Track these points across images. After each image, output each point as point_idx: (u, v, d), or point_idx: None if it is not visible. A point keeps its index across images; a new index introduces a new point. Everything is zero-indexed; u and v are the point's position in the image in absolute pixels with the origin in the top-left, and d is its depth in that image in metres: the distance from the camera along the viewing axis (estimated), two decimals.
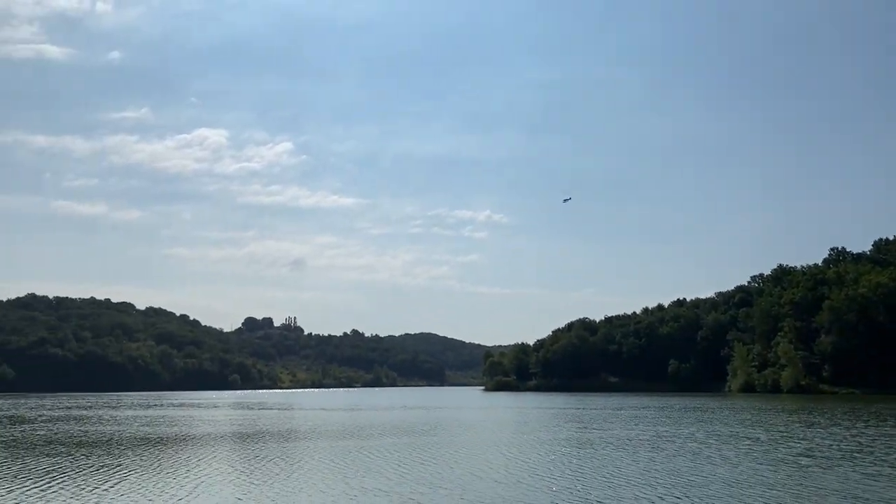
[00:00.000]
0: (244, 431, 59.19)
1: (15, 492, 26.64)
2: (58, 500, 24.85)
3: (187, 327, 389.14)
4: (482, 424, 65.39)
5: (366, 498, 25.00)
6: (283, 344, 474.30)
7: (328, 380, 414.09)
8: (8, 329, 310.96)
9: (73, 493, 26.17)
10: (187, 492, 26.52)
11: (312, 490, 26.85)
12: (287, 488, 27.28)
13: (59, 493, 26.18)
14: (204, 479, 30.06)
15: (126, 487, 27.63)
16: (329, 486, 27.57)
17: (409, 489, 26.62)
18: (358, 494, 25.70)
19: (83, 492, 26.56)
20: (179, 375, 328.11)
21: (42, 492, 26.59)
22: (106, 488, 27.40)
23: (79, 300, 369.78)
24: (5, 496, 25.67)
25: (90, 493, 26.17)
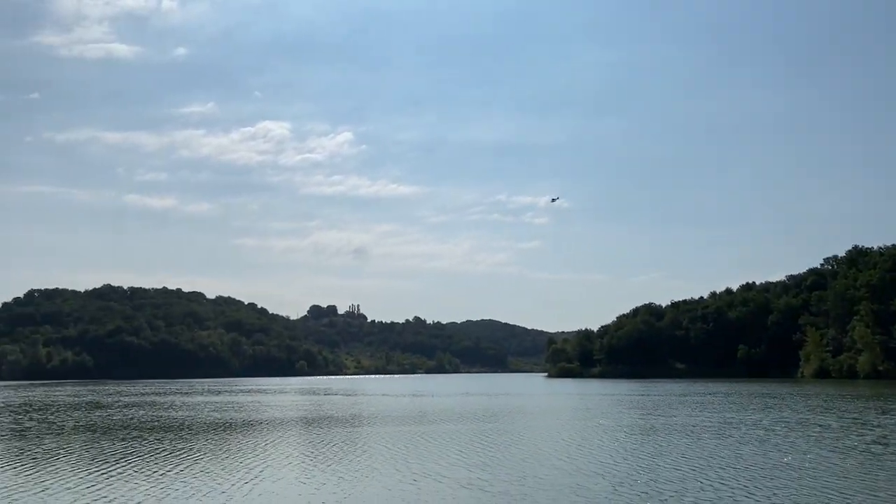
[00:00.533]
0: (309, 416, 60.52)
1: (93, 474, 27.92)
2: (131, 482, 25.92)
3: (255, 315, 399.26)
4: (543, 411, 65.18)
5: (423, 483, 25.26)
6: (347, 331, 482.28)
7: (392, 366, 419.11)
8: (86, 319, 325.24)
9: (146, 476, 27.26)
10: (254, 475, 27.31)
11: (370, 474, 27.28)
12: (346, 472, 27.80)
13: (132, 476, 27.32)
14: (269, 462, 30.88)
15: (196, 470, 28.63)
16: (386, 471, 27.97)
17: (465, 475, 26.78)
18: (415, 479, 25.99)
19: (155, 474, 27.65)
20: (248, 362, 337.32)
21: (118, 474, 27.79)
22: (177, 471, 28.46)
23: (152, 290, 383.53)
24: (83, 478, 26.93)
25: (161, 476, 27.22)
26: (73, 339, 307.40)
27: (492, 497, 22.55)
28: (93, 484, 25.31)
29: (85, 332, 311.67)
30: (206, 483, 25.45)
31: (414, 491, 23.73)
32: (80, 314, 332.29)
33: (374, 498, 22.80)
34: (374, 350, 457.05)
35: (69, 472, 28.26)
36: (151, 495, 23.14)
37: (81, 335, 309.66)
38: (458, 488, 24.16)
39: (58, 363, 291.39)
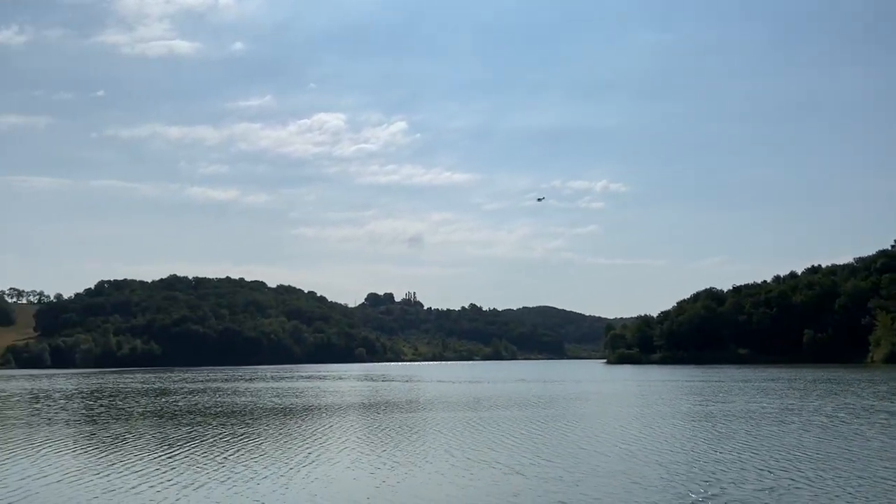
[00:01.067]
0: (366, 402, 61.48)
1: (158, 457, 29.03)
2: (194, 466, 26.86)
3: (315, 303, 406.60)
4: (599, 398, 64.70)
5: (475, 468, 25.45)
6: (404, 318, 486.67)
7: (448, 353, 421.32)
8: (154, 308, 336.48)
9: (209, 460, 28.20)
10: (311, 459, 27.96)
11: (423, 459, 27.62)
12: (400, 457, 28.20)
13: (195, 460, 28.29)
14: (326, 446, 31.54)
15: (256, 454, 29.48)
16: (440, 457, 28.27)
17: (517, 461, 26.87)
18: (468, 465, 26.20)
19: (217, 458, 28.59)
20: (309, 349, 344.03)
21: (181, 458, 28.84)
22: (238, 455, 29.35)
23: (215, 280, 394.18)
24: (148, 461, 28.04)
25: (223, 460, 28.12)
26: (141, 328, 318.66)
27: (544, 483, 22.59)
28: (157, 467, 26.32)
29: (152, 321, 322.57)
30: (265, 466, 26.18)
31: (467, 476, 23.94)
32: (147, 304, 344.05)
33: (426, 482, 23.11)
34: (430, 337, 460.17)
35: (135, 456, 29.46)
36: (214, 478, 23.94)
37: (149, 324, 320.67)
38: (510, 474, 24.28)
39: (127, 351, 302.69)
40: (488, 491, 21.46)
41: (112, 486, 22.61)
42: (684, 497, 20.16)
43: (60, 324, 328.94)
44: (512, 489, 21.66)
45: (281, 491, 21.69)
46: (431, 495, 21.12)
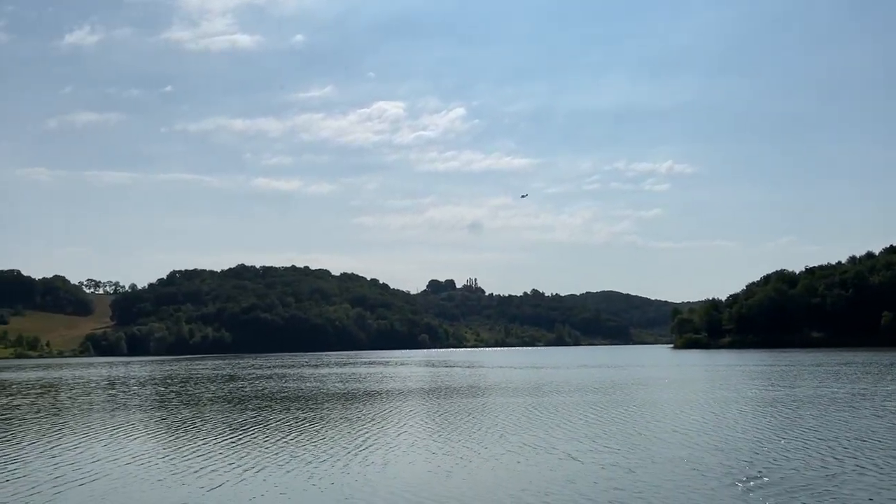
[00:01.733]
0: (427, 387, 61.96)
1: (222, 441, 29.94)
2: (256, 449, 27.60)
3: (377, 291, 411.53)
4: (662, 383, 63.56)
5: (531, 454, 25.37)
6: (465, 304, 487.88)
7: (511, 339, 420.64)
8: (224, 297, 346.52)
9: (272, 443, 28.93)
10: (370, 443, 28.35)
11: (479, 444, 27.67)
12: (458, 441, 28.32)
13: (258, 443, 29.07)
14: (385, 431, 31.92)
15: (316, 438, 30.06)
16: (496, 441, 28.27)
17: (573, 447, 26.66)
18: (521, 450, 26.13)
19: (279, 441, 29.29)
20: (373, 335, 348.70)
21: (246, 441, 29.66)
22: (299, 439, 30.00)
23: (281, 268, 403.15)
24: (212, 445, 28.93)
25: (286, 443, 28.79)
26: (212, 316, 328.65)
27: (600, 469, 22.35)
28: (220, 451, 27.14)
29: (222, 309, 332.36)
30: (323, 450, 26.67)
31: (522, 462, 23.88)
32: (217, 293, 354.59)
33: (480, 467, 23.15)
34: (492, 323, 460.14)
35: (200, 440, 30.45)
36: (272, 462, 24.55)
37: (219, 312, 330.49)
38: (566, 460, 24.10)
39: (199, 339, 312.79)
40: (544, 477, 21.35)
41: (176, 469, 23.43)
42: (744, 484, 19.65)
43: (135, 313, 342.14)
44: (567, 475, 21.49)
45: (336, 475, 22.07)
46: (485, 480, 21.15)
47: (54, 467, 24.07)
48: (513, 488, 19.85)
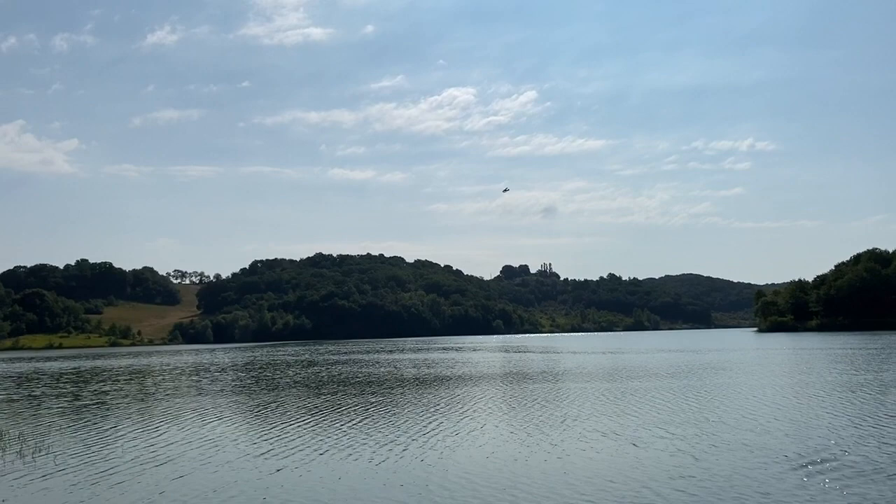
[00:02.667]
0: (497, 372, 61.80)
1: (293, 425, 30.68)
2: (324, 433, 28.15)
3: (451, 277, 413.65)
4: (741, 367, 61.47)
5: (593, 441, 24.96)
6: (540, 290, 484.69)
7: (587, 324, 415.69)
8: (303, 285, 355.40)
9: (337, 427, 29.45)
10: (431, 428, 28.48)
11: (543, 429, 27.40)
12: (524, 425, 28.13)
13: (325, 428, 29.64)
14: (446, 416, 32.00)
15: (382, 423, 30.44)
16: (559, 427, 27.94)
17: (640, 434, 26.08)
18: (587, 436, 25.73)
19: (345, 426, 29.78)
20: (448, 322, 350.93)
21: (318, 425, 30.32)
22: (365, 423, 30.44)
23: (357, 256, 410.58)
24: (282, 429, 29.68)
25: (350, 428, 29.25)
26: (292, 304, 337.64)
27: (661, 455, 21.80)
28: (289, 434, 27.83)
29: (302, 297, 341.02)
30: (387, 435, 26.96)
31: (587, 448, 23.53)
32: (297, 281, 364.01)
33: (545, 453, 22.91)
34: (568, 308, 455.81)
35: (271, 424, 31.29)
36: (337, 445, 24.99)
37: (299, 300, 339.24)
38: (626, 446, 23.62)
39: (280, 326, 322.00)
40: (608, 464, 20.96)
41: (245, 451, 24.14)
42: (812, 476, 18.76)
43: (220, 302, 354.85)
44: (632, 462, 21.04)
45: (396, 459, 22.26)
46: (547, 467, 20.91)
47: (133, 449, 25.18)
48: (576, 475, 19.57)
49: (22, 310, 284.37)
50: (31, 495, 18.44)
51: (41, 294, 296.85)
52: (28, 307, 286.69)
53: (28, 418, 35.54)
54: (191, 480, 19.94)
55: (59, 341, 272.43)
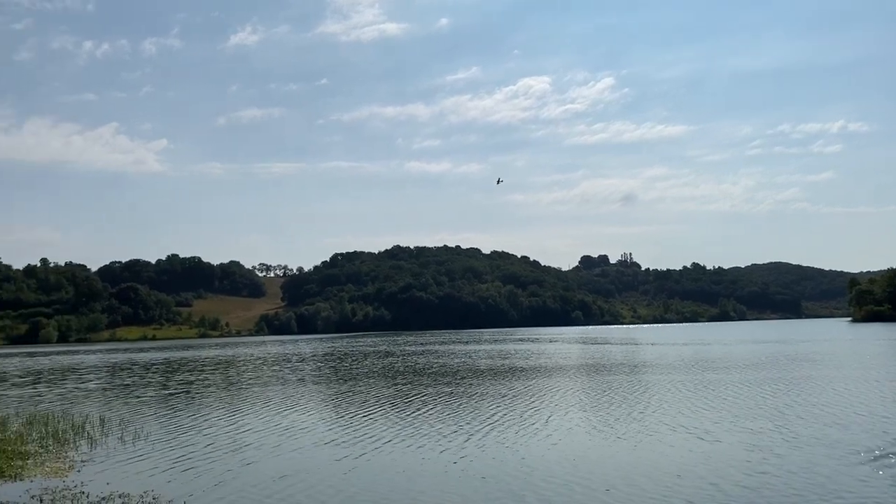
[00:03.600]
0: (572, 364, 60.95)
1: (365, 414, 31.15)
2: (391, 422, 28.44)
3: (529, 268, 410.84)
4: (828, 359, 58.64)
5: (666, 434, 24.28)
6: (620, 280, 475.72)
7: (670, 315, 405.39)
8: (381, 277, 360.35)
9: (403, 416, 29.70)
10: (497, 419, 28.33)
11: (610, 422, 26.84)
12: (590, 418, 27.64)
13: (392, 417, 29.95)
14: (511, 408, 31.77)
15: (448, 413, 30.49)
16: (633, 420, 27.30)
17: (708, 426, 25.25)
18: (660, 429, 25.05)
19: (411, 415, 30.00)
20: (525, 313, 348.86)
21: (381, 415, 30.68)
22: (431, 413, 30.56)
23: (434, 248, 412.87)
24: (352, 418, 30.12)
25: (414, 417, 29.44)
26: (371, 296, 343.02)
27: (724, 448, 21.06)
28: (365, 424, 28.22)
29: (381, 289, 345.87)
30: (450, 425, 26.98)
31: (660, 442, 22.96)
32: (375, 273, 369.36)
33: (609, 445, 22.45)
34: (649, 299, 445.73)
35: (345, 412, 31.87)
36: (401, 434, 25.23)
37: (378, 292, 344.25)
38: (691, 439, 22.89)
39: (361, 317, 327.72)
40: (678, 458, 20.35)
41: (316, 440, 24.66)
42: (888, 470, 17.63)
43: (303, 294, 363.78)
44: (703, 456, 20.33)
45: (458, 449, 22.23)
46: (614, 461, 20.45)
47: (211, 436, 26.06)
48: (643, 469, 19.06)
49: (118, 303, 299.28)
50: (132, 476, 19.32)
51: (135, 288, 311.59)
52: (123, 300, 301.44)
53: (125, 406, 37.30)
54: (260, 466, 20.49)
55: (153, 333, 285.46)
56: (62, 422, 29.35)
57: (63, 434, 26.04)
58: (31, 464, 20.55)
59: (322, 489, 17.56)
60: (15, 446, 23.20)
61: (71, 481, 18.25)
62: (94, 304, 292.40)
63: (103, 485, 17.82)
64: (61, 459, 21.39)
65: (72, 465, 20.49)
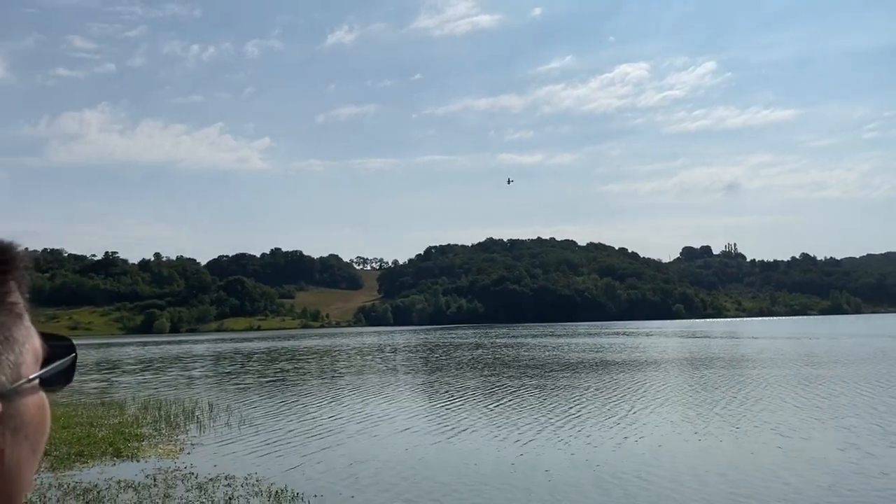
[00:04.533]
0: (671, 358, 59.71)
1: (450, 404, 31.75)
2: (469, 412, 28.90)
3: (626, 260, 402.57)
4: None
5: (753, 432, 23.69)
6: (723, 272, 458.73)
7: (778, 308, 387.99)
8: (475, 270, 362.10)
9: (480, 408, 30.08)
10: (576, 413, 28.28)
11: (686, 420, 26.41)
12: (671, 413, 27.26)
13: (469, 407, 30.39)
14: (592, 402, 31.58)
15: (528, 406, 30.66)
16: (715, 418, 26.75)
17: (795, 423, 24.39)
18: (745, 428, 24.48)
19: (488, 406, 30.35)
20: (624, 306, 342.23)
21: (459, 406, 31.17)
22: (511, 405, 30.83)
23: (528, 241, 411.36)
24: (429, 407, 30.84)
25: (490, 409, 29.77)
26: (465, 289, 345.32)
27: (840, 452, 20.33)
28: (446, 413, 28.87)
29: (474, 281, 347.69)
30: (526, 418, 27.14)
31: (739, 438, 22.38)
32: (468, 266, 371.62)
33: (689, 443, 22.15)
34: (755, 291, 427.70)
35: (431, 401, 32.62)
36: (476, 426, 25.60)
37: (472, 284, 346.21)
38: (794, 438, 22.20)
39: (455, 309, 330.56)
40: (767, 458, 19.78)
41: (395, 428, 25.36)
42: None
43: (398, 286, 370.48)
44: (794, 455, 19.81)
45: (528, 442, 22.36)
46: (695, 461, 20.21)
47: (297, 423, 27.23)
48: (723, 468, 18.75)
49: (226, 295, 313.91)
50: (236, 459, 20.34)
51: (241, 281, 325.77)
52: (231, 293, 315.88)
53: (231, 392, 39.39)
54: (337, 451, 21.12)
55: (258, 324, 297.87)
56: (174, 406, 31.48)
57: (174, 418, 27.95)
58: (146, 445, 22.24)
59: (393, 475, 18.17)
60: (132, 429, 25.12)
61: (181, 462, 19.59)
62: (204, 296, 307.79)
63: (210, 466, 18.95)
64: (173, 442, 23.02)
65: (182, 448, 21.99)
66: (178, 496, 15.77)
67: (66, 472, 18.14)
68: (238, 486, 16.72)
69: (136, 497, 15.65)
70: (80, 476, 17.77)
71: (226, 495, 15.84)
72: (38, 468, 10.77)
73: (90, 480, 17.19)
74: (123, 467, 18.97)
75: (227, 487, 16.62)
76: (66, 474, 17.95)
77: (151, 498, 15.52)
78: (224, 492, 16.18)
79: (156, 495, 15.76)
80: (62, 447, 21.08)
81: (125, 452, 20.73)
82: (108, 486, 16.61)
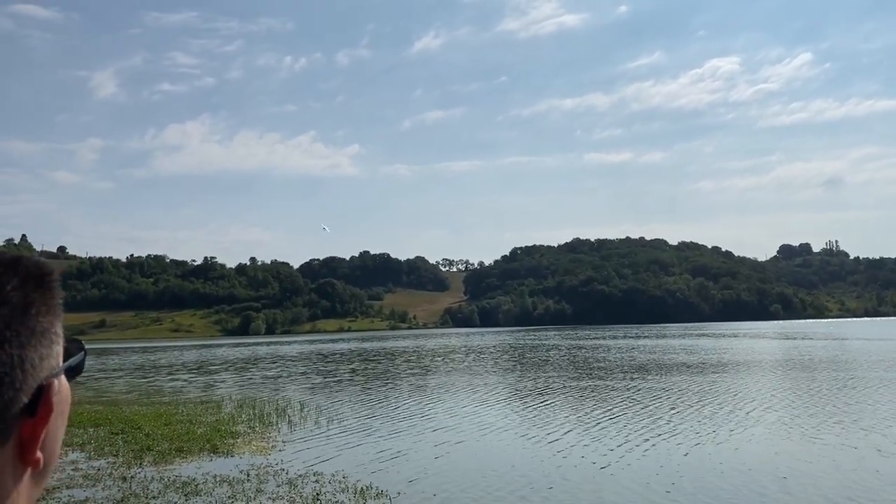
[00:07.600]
0: (764, 360, 57.51)
1: (538, 405, 31.70)
2: (542, 414, 28.73)
3: (720, 259, 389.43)
4: None
5: (827, 444, 22.60)
6: (824, 270, 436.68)
7: (885, 307, 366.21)
8: (561, 270, 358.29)
9: (555, 410, 29.85)
10: (644, 417, 27.70)
11: (773, 426, 25.36)
12: (761, 420, 26.29)
13: (543, 410, 30.21)
14: (663, 407, 30.80)
15: (606, 409, 30.20)
16: (813, 427, 25.64)
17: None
18: (824, 439, 23.35)
19: (563, 408, 30.08)
20: (718, 307, 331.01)
21: (532, 408, 31.04)
22: (587, 408, 30.46)
23: (616, 240, 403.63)
24: (499, 408, 30.79)
25: (565, 410, 29.49)
26: (551, 290, 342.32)
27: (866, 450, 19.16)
28: (508, 416, 28.81)
29: (561, 282, 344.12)
30: (599, 420, 26.78)
31: (819, 452, 21.46)
32: (555, 266, 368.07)
33: (775, 454, 21.34)
34: (860, 290, 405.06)
35: (505, 402, 32.59)
36: (553, 431, 25.42)
37: (558, 285, 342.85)
38: (869, 451, 21.05)
39: (541, 311, 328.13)
40: (847, 474, 18.95)
41: (483, 431, 25.52)
42: None
43: (484, 287, 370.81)
44: (872, 472, 18.82)
45: (596, 446, 22.06)
46: (779, 473, 19.48)
47: (384, 422, 27.69)
48: (801, 485, 18.01)
49: (317, 297, 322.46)
50: (325, 457, 20.80)
51: (332, 283, 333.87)
52: (322, 295, 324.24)
53: (322, 392, 40.45)
54: (421, 451, 21.34)
55: (348, 325, 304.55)
56: (267, 405, 32.68)
57: (267, 416, 29.00)
58: (241, 442, 23.19)
59: (472, 476, 18.04)
60: (228, 426, 26.25)
61: (273, 459, 20.33)
62: (297, 298, 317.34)
63: (300, 464, 19.55)
64: (265, 439, 23.90)
65: (274, 445, 22.81)
66: (269, 491, 16.39)
67: (166, 467, 19.14)
68: (325, 483, 17.22)
69: (230, 491, 16.36)
70: (180, 470, 18.71)
71: (314, 491, 16.35)
72: (141, 462, 11.62)
73: (189, 475, 18.08)
74: (219, 463, 19.83)
75: (315, 483, 17.14)
76: (167, 468, 18.95)
77: (245, 492, 16.19)
78: (312, 488, 16.71)
79: (249, 490, 16.43)
80: (164, 443, 22.27)
81: (221, 449, 21.67)
82: (205, 480, 17.42)
